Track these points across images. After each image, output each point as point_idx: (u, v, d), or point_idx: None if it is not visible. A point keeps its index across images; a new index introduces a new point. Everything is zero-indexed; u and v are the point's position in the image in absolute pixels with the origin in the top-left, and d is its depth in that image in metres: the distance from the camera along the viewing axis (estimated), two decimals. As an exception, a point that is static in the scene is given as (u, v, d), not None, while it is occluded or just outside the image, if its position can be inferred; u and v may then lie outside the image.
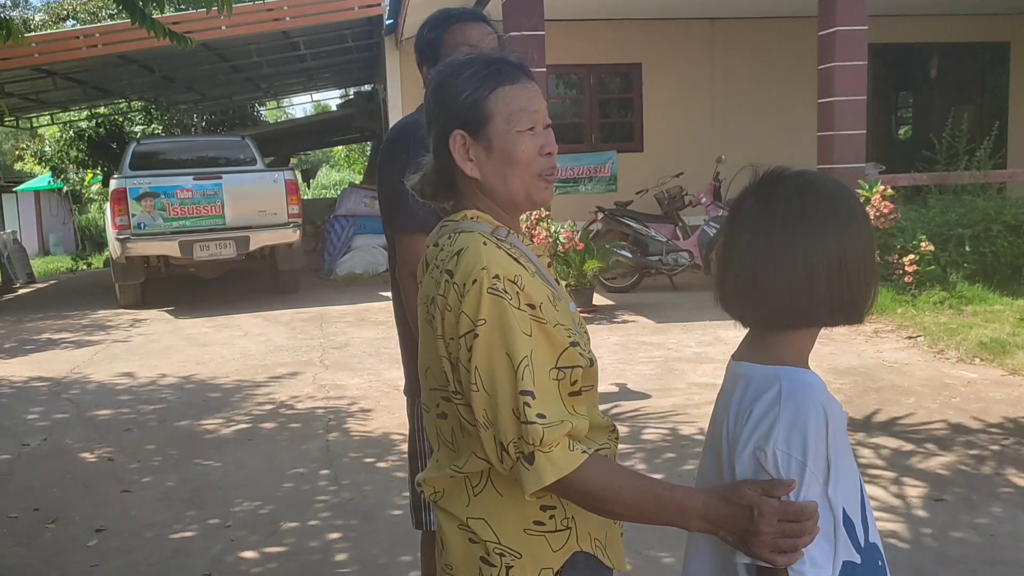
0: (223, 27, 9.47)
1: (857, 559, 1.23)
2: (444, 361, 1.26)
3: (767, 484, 1.18)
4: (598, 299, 8.27)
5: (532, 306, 1.24)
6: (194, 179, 9.03)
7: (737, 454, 1.23)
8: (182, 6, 14.40)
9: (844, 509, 1.22)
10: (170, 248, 8.94)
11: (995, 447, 4.07)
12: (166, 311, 9.19)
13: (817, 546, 1.18)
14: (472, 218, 1.33)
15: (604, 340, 6.58)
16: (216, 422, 5.06)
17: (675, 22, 11.14)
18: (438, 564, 1.36)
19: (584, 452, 1.22)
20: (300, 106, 35.71)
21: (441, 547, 1.35)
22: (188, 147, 10.95)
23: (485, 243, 1.26)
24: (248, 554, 3.30)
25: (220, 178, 9.11)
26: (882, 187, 7.51)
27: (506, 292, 1.22)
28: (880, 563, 1.27)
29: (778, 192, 1.24)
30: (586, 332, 1.43)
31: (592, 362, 1.32)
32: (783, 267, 1.20)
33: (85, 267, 16.89)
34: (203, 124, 18.24)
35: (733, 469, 1.24)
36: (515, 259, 1.28)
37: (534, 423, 1.18)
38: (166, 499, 3.90)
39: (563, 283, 1.46)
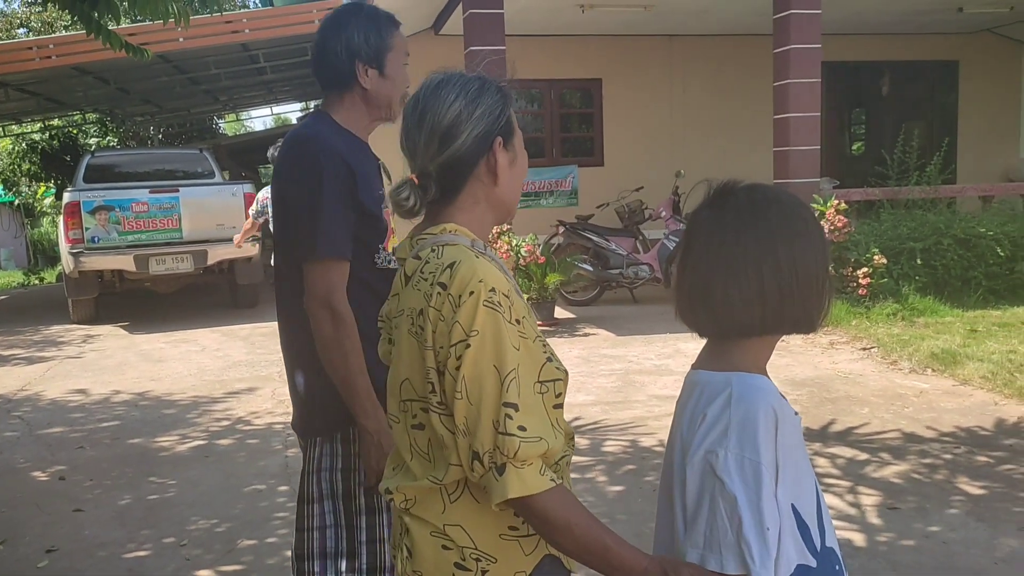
0: (180, 39, 9.37)
1: (813, 563, 1.24)
2: (431, 372, 1.27)
3: (707, 574, 1.20)
4: (559, 312, 8.30)
5: (519, 321, 1.27)
6: (150, 192, 8.89)
7: (689, 457, 1.24)
8: (139, 18, 14.21)
9: (800, 512, 1.23)
10: (125, 262, 8.78)
11: (947, 456, 4.16)
12: (120, 326, 9.02)
13: (763, 545, 1.18)
14: (452, 231, 1.35)
15: (566, 353, 6.60)
16: (171, 439, 4.97)
17: (634, 38, 11.29)
18: (405, 571, 1.37)
19: (552, 481, 1.24)
20: (260, 119, 35.41)
21: (408, 555, 1.35)
22: (144, 160, 10.78)
23: (478, 256, 1.29)
24: (204, 573, 3.24)
25: (177, 191, 8.99)
26: (836, 201, 7.66)
27: (500, 305, 1.24)
28: (837, 567, 1.28)
29: (729, 203, 1.27)
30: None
31: (567, 373, 1.34)
32: (735, 276, 1.22)
33: (37, 282, 16.49)
34: (160, 137, 18.00)
35: (684, 473, 1.25)
36: (503, 273, 1.31)
37: (513, 435, 1.20)
38: (119, 518, 3.82)
39: (524, 296, 1.48)
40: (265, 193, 7.37)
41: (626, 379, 5.85)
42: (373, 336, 1.89)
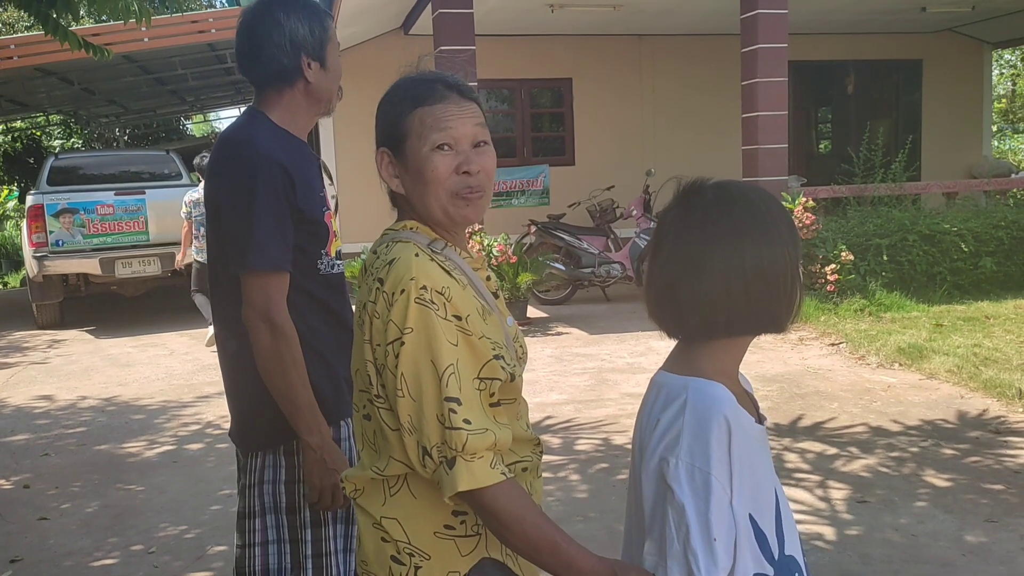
0: (146, 39, 9.25)
1: (770, 572, 1.23)
2: (369, 365, 1.30)
3: None
4: (532, 311, 8.31)
5: (459, 317, 1.27)
6: (116, 194, 8.76)
7: (645, 463, 1.23)
8: (103, 17, 14.00)
9: (756, 522, 1.22)
10: (90, 266, 8.64)
11: (914, 449, 4.22)
12: (86, 331, 8.87)
13: (710, 556, 1.17)
14: (411, 228, 1.37)
15: (539, 352, 6.60)
16: (139, 445, 4.89)
17: (604, 38, 11.33)
18: (357, 560, 1.40)
19: (504, 475, 1.24)
20: (228, 120, 35.05)
21: (359, 543, 1.38)
22: (109, 162, 10.60)
23: (417, 254, 1.29)
24: (173, 580, 3.20)
25: (143, 193, 8.86)
26: (804, 199, 7.75)
27: (433, 303, 1.24)
28: (796, 575, 1.27)
29: (696, 202, 1.25)
30: (523, 346, 1.45)
31: (513, 377, 1.33)
32: (700, 275, 1.20)
33: (1, 287, 16.20)
34: (126, 138, 17.74)
35: (643, 475, 1.24)
36: (447, 271, 1.30)
37: (460, 428, 1.21)
38: (86, 526, 3.75)
39: (502, 296, 1.47)
40: (192, 195, 7.51)
41: (599, 377, 5.86)
42: (318, 347, 1.86)
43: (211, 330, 7.70)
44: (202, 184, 7.67)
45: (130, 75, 11.97)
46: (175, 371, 6.76)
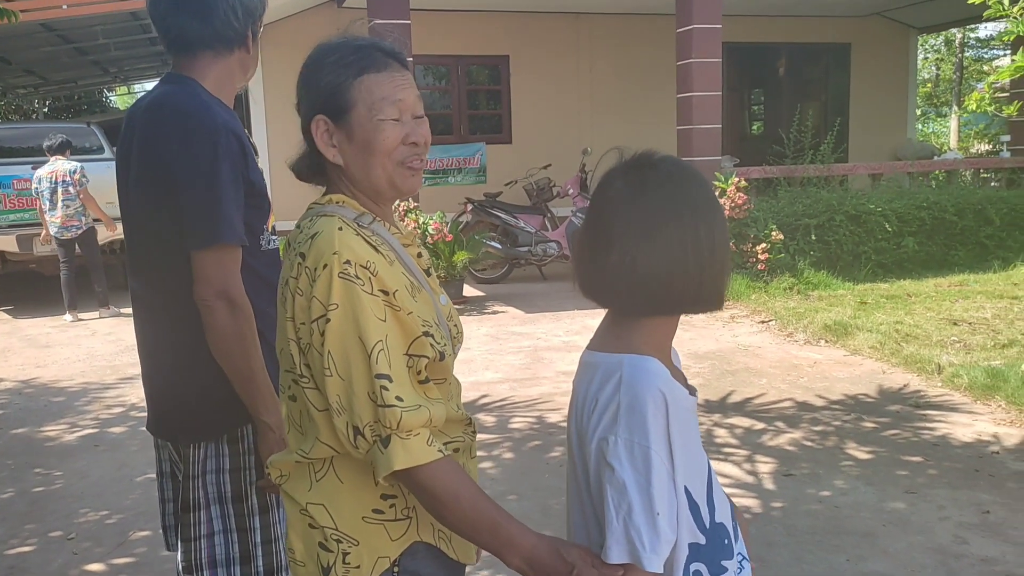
0: (64, 6, 8.84)
1: (702, 540, 1.24)
2: (292, 344, 1.25)
3: (596, 557, 1.19)
4: (468, 290, 8.27)
5: (386, 292, 1.22)
6: (33, 168, 8.37)
7: (587, 445, 1.22)
8: (18, -18, 13.31)
9: (691, 493, 1.23)
10: (6, 243, 8.27)
11: (837, 423, 4.34)
12: (3, 311, 8.51)
13: (653, 531, 1.16)
14: (338, 202, 1.32)
15: (475, 331, 6.58)
16: (59, 428, 4.72)
17: (541, 15, 11.28)
18: (286, 548, 1.36)
19: (440, 452, 1.21)
20: (156, 93, 33.87)
21: (287, 531, 1.33)
22: (27, 135, 10.10)
23: (341, 228, 1.24)
24: (94, 567, 3.09)
25: (63, 167, 8.48)
26: (737, 179, 7.87)
27: (358, 278, 1.20)
28: (726, 541, 1.29)
29: (651, 178, 1.22)
30: (457, 325, 1.42)
31: (443, 356, 1.30)
32: (656, 248, 1.19)
33: (-90, 265, 15.42)
34: (45, 110, 17.01)
35: (586, 460, 1.23)
36: (373, 246, 1.26)
37: (393, 406, 1.18)
38: (1, 513, 3.60)
39: (435, 274, 1.43)
40: (45, 169, 7.66)
41: (534, 356, 5.87)
42: (261, 327, 1.77)
43: (69, 317, 7.79)
44: (53, 161, 7.69)
45: (49, 44, 11.43)
46: (97, 352, 6.53)
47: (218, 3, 1.77)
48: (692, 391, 1.29)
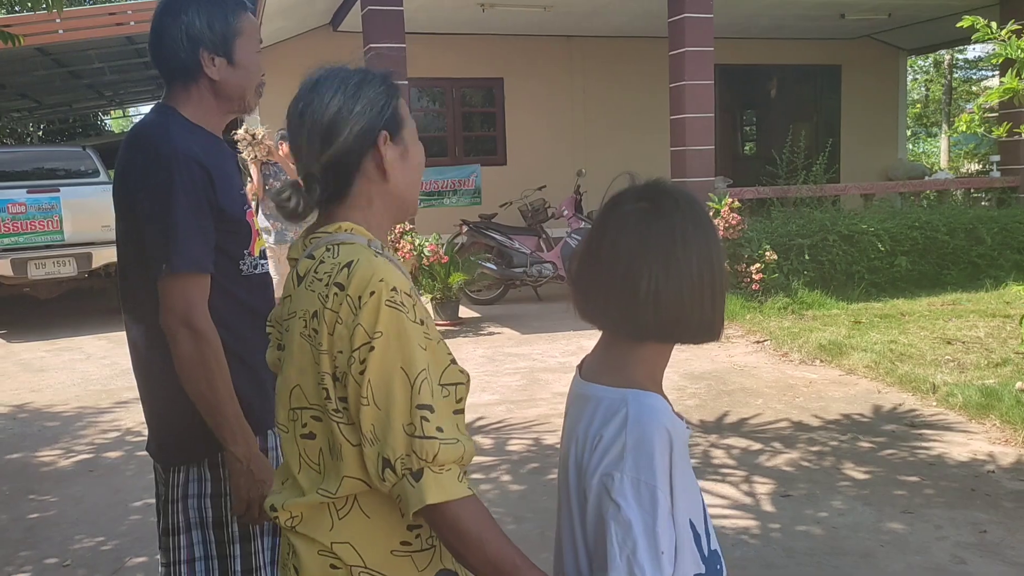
0: (60, 31, 8.89)
1: (702, 569, 1.24)
2: (327, 377, 1.21)
3: None
4: (464, 312, 8.27)
5: (423, 321, 1.22)
6: (28, 192, 8.37)
7: (587, 481, 1.21)
8: (16, 8, 13.43)
9: (692, 523, 1.23)
10: (1, 267, 8.26)
11: (834, 443, 4.35)
12: (-2, 335, 8.48)
13: (657, 569, 1.16)
14: (348, 230, 1.30)
15: (471, 352, 6.58)
16: (54, 453, 4.69)
17: (534, 38, 11.39)
18: None
19: (469, 489, 1.19)
20: (150, 116, 33.94)
21: (295, 574, 1.29)
22: (21, 158, 10.13)
23: (376, 255, 1.24)
24: (89, 594, 3.07)
25: (58, 191, 8.50)
26: (730, 200, 7.91)
27: (403, 305, 1.19)
28: (719, 567, 1.29)
29: (666, 204, 1.22)
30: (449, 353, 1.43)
31: (468, 377, 1.30)
32: (671, 272, 1.19)
33: (-97, 289, 15.36)
34: (40, 134, 17.04)
35: (584, 494, 1.22)
36: (404, 273, 1.26)
37: (433, 437, 1.15)
38: (-5, 540, 3.58)
39: (426, 297, 1.45)
40: None
41: (531, 377, 5.87)
42: (242, 353, 1.78)
43: None
44: None
45: (43, 68, 11.49)
46: (92, 376, 6.51)
47: (165, 38, 1.81)
48: (684, 421, 1.30)
